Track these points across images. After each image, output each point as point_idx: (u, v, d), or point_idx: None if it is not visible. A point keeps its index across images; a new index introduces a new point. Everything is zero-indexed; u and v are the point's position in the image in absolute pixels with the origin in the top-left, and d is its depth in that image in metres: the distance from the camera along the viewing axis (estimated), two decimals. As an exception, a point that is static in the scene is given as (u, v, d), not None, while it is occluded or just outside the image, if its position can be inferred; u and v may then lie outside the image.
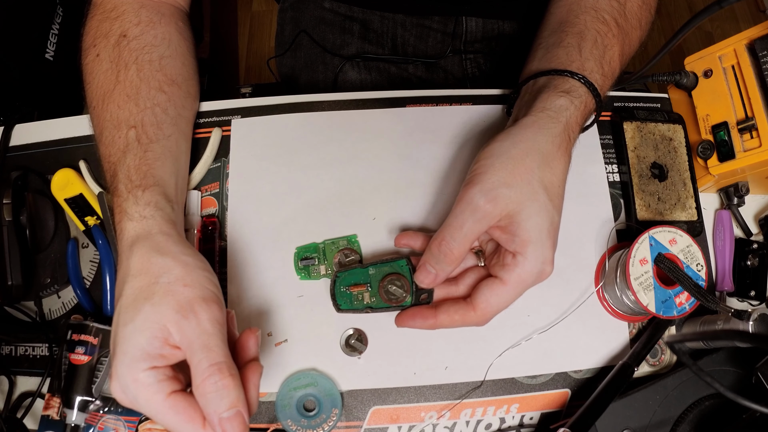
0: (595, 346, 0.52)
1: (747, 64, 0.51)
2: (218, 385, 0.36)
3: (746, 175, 0.53)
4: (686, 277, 0.47)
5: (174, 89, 0.51)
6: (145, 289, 0.39)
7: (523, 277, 0.43)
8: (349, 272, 0.48)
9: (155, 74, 0.50)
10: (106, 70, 0.49)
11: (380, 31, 0.77)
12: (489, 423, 0.50)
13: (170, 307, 0.38)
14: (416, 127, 0.57)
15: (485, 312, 0.44)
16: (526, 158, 0.43)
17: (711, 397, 0.46)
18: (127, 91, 0.48)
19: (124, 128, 0.47)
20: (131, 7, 0.52)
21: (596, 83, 0.48)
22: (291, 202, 0.55)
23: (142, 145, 0.46)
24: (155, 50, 0.51)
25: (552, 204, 0.43)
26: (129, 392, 0.37)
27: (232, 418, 0.36)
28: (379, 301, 0.47)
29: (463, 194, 0.44)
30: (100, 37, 0.51)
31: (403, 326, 0.47)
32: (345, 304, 0.48)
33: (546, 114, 0.46)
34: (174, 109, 0.50)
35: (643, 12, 0.55)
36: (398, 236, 0.50)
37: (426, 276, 0.45)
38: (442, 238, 0.44)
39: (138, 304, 0.38)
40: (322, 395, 0.49)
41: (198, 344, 0.37)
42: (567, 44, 0.50)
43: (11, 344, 0.52)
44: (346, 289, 0.48)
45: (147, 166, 0.46)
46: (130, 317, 0.38)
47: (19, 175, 0.54)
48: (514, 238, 0.42)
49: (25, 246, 0.52)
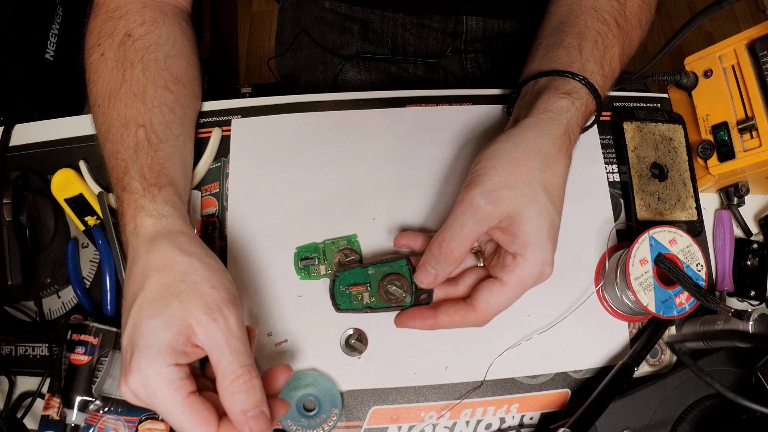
0: (595, 346, 0.52)
1: (747, 64, 0.51)
2: (247, 385, 0.37)
3: (746, 175, 0.53)
4: (686, 277, 0.47)
5: (180, 88, 0.51)
6: (171, 285, 0.39)
7: (523, 278, 0.43)
8: (349, 272, 0.48)
9: (161, 73, 0.50)
10: (111, 69, 0.49)
11: (380, 31, 0.77)
12: (489, 423, 0.50)
13: (198, 307, 0.38)
14: (416, 127, 0.57)
15: (485, 313, 0.44)
16: (528, 160, 0.43)
17: (711, 397, 0.46)
18: (133, 89, 0.48)
19: (133, 127, 0.47)
20: (135, 7, 0.52)
21: (597, 84, 0.48)
22: (291, 202, 0.55)
23: (152, 145, 0.47)
24: (160, 49, 0.51)
25: (552, 205, 0.43)
26: (149, 386, 0.37)
27: (258, 416, 0.38)
28: (379, 301, 0.47)
29: (464, 195, 0.44)
30: (105, 36, 0.51)
31: (403, 326, 0.47)
32: (344, 304, 0.48)
33: (547, 115, 0.46)
34: (181, 109, 0.50)
35: (643, 12, 0.55)
36: (397, 236, 0.50)
37: (426, 276, 0.45)
38: (443, 239, 0.43)
39: (165, 299, 0.39)
40: (322, 395, 0.49)
41: (227, 347, 0.38)
42: (568, 44, 0.51)
43: (11, 344, 0.52)
44: (346, 288, 0.48)
45: (159, 165, 0.46)
46: (156, 311, 0.38)
47: (19, 175, 0.54)
48: (514, 239, 0.43)
49: (25, 246, 0.52)
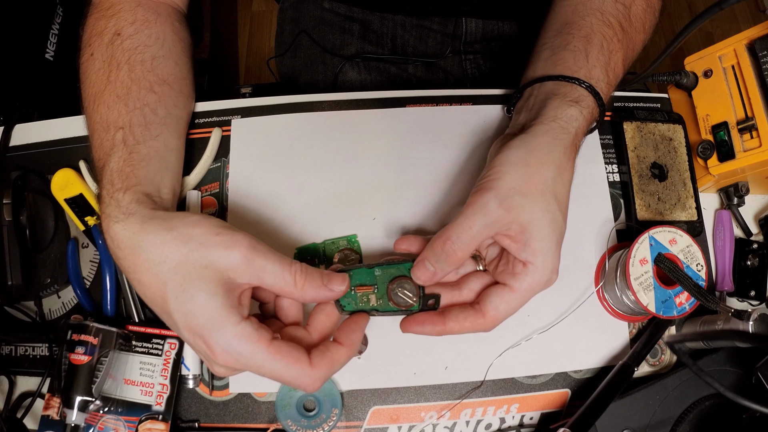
0: (595, 346, 0.52)
1: (747, 64, 0.51)
2: (305, 269, 0.40)
3: (746, 175, 0.53)
4: (686, 277, 0.47)
5: (165, 89, 0.50)
6: (182, 264, 0.39)
7: (533, 285, 0.43)
8: (354, 272, 0.46)
9: (146, 75, 0.49)
10: (98, 70, 0.49)
11: (380, 32, 0.77)
12: (489, 423, 0.50)
13: (218, 258, 0.39)
14: (416, 127, 0.57)
15: (494, 319, 0.43)
16: (542, 168, 0.43)
17: (711, 397, 0.46)
18: (117, 91, 0.48)
19: (113, 130, 0.47)
20: (128, 6, 0.52)
21: (601, 92, 0.48)
22: (291, 202, 0.55)
23: (127, 147, 0.46)
24: (148, 50, 0.50)
25: (561, 215, 0.44)
26: (233, 351, 0.38)
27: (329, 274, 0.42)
28: (386, 304, 0.45)
29: (476, 198, 0.43)
30: (95, 35, 0.51)
31: (410, 332, 0.45)
32: (349, 306, 0.45)
33: (558, 124, 0.45)
34: (164, 109, 0.50)
35: (648, 15, 0.55)
36: (398, 240, 0.48)
37: (423, 273, 0.44)
38: (448, 236, 0.42)
39: (189, 277, 0.39)
40: (322, 395, 0.49)
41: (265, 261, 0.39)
42: (574, 48, 0.50)
43: (11, 344, 0.52)
44: (352, 289, 0.45)
45: (131, 167, 0.45)
46: (192, 293, 0.38)
47: (19, 175, 0.54)
48: (525, 247, 0.42)
49: (25, 246, 0.52)
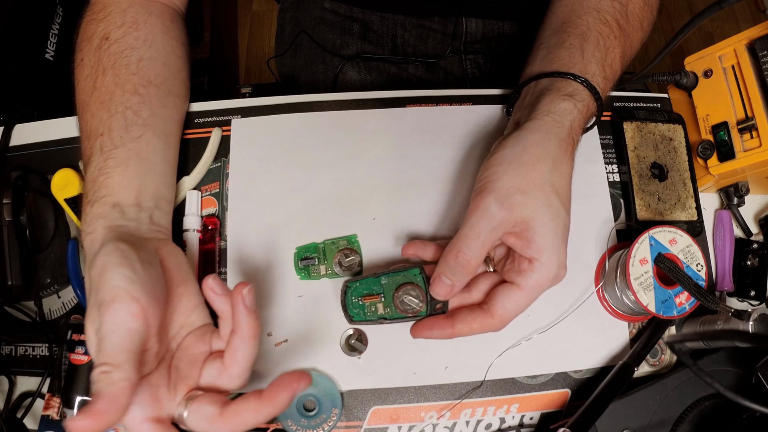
0: (595, 346, 0.52)
1: (747, 64, 0.51)
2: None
3: (746, 175, 0.53)
4: (686, 277, 0.47)
5: (151, 90, 0.49)
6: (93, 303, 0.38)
7: (540, 282, 0.43)
8: (361, 282, 0.46)
9: (131, 78, 0.49)
10: (86, 77, 0.49)
11: (380, 32, 0.77)
12: (489, 423, 0.50)
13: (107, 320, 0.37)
14: (416, 127, 0.57)
15: (503, 318, 0.43)
16: (538, 164, 0.43)
17: (711, 397, 0.46)
18: (102, 98, 0.48)
19: (93, 138, 0.47)
20: (119, 8, 0.51)
21: (598, 86, 0.48)
22: (291, 202, 0.55)
23: (104, 154, 0.46)
24: (134, 53, 0.50)
25: (563, 208, 0.43)
26: None
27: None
28: (394, 311, 0.45)
29: (478, 203, 0.43)
30: (86, 40, 0.51)
31: (420, 337, 0.45)
32: (358, 316, 0.46)
33: (551, 118, 0.45)
34: (148, 110, 0.49)
35: (645, 14, 0.55)
36: (405, 246, 0.48)
37: (442, 288, 0.44)
38: (458, 249, 0.42)
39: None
40: (322, 395, 0.49)
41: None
42: (569, 45, 0.50)
43: (11, 344, 0.52)
44: (359, 299, 0.46)
45: (104, 176, 0.45)
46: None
47: (19, 175, 0.54)
48: (530, 244, 0.42)
49: (25, 246, 0.52)
